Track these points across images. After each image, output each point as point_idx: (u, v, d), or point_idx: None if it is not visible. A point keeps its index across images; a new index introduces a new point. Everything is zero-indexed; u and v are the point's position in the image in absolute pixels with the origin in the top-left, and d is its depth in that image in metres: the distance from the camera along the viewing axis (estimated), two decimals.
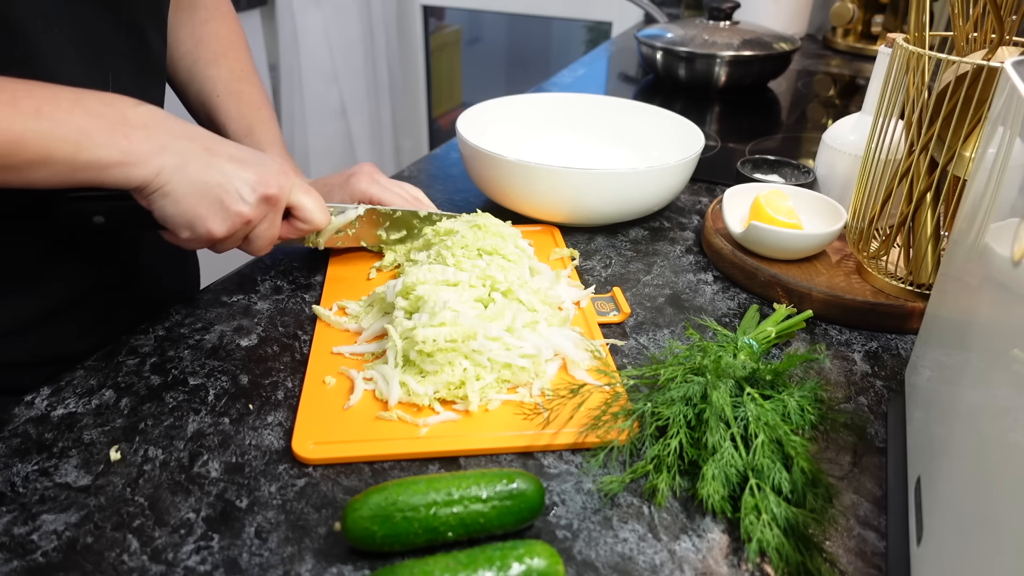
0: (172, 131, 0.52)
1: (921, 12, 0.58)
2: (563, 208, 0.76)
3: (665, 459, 0.47)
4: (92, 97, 0.49)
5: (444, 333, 0.52)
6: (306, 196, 0.60)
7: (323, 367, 0.56)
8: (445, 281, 0.58)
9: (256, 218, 0.55)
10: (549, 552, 0.39)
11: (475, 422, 0.51)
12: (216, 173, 0.52)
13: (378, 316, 0.61)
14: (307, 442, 0.49)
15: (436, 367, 0.52)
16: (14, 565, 0.41)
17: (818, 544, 0.42)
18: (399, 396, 0.52)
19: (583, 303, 0.65)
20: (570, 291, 0.66)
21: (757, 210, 0.72)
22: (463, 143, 0.80)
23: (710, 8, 1.33)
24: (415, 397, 0.52)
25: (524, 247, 0.66)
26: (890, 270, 0.66)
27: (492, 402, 0.53)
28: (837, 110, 1.28)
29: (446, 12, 2.58)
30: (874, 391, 0.57)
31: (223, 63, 0.74)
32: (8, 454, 0.48)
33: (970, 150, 0.57)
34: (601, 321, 0.63)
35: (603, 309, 0.64)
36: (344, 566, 0.41)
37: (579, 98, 0.98)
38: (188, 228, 0.53)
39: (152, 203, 0.51)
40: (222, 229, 0.53)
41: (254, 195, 0.54)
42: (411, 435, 0.50)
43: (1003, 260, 0.35)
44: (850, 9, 1.59)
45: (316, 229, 0.62)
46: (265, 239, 0.57)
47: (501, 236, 0.65)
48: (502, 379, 0.54)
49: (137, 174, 0.49)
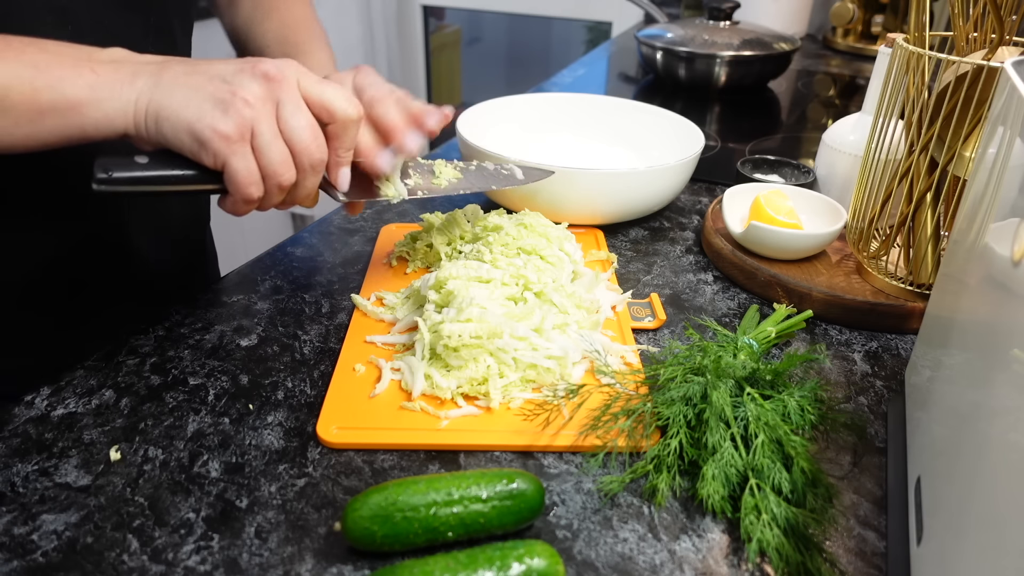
0: (143, 60, 0.47)
1: (921, 12, 0.58)
2: (563, 208, 0.76)
3: (665, 459, 0.47)
4: (53, 43, 0.45)
5: (470, 329, 0.52)
6: (320, 83, 0.49)
7: (355, 355, 0.57)
8: (478, 278, 0.58)
9: (257, 100, 0.46)
10: (549, 552, 0.39)
11: (496, 418, 0.51)
12: (198, 76, 0.46)
13: (412, 308, 0.62)
14: (331, 426, 0.50)
15: (461, 362, 0.53)
16: (14, 565, 0.41)
17: (818, 544, 0.42)
18: (423, 388, 0.53)
19: (619, 307, 0.65)
20: (608, 295, 0.65)
21: (757, 210, 0.72)
22: (463, 143, 0.80)
23: (710, 8, 1.33)
24: (438, 390, 0.52)
25: (571, 251, 0.66)
26: (890, 270, 0.66)
27: (515, 400, 0.53)
28: (837, 110, 1.28)
29: (446, 12, 2.58)
30: (874, 391, 0.57)
31: (274, 15, 0.75)
32: (8, 454, 0.48)
33: (970, 150, 0.57)
34: (635, 326, 0.63)
35: (638, 315, 0.64)
36: (344, 566, 0.41)
37: (579, 98, 0.98)
38: (194, 140, 0.45)
39: (149, 136, 0.46)
40: (228, 124, 0.45)
41: (245, 74, 0.47)
42: (432, 426, 0.50)
43: (1003, 260, 0.35)
44: (850, 9, 1.59)
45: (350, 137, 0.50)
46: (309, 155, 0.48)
47: (546, 237, 0.65)
48: (527, 379, 0.54)
49: (113, 109, 0.44)
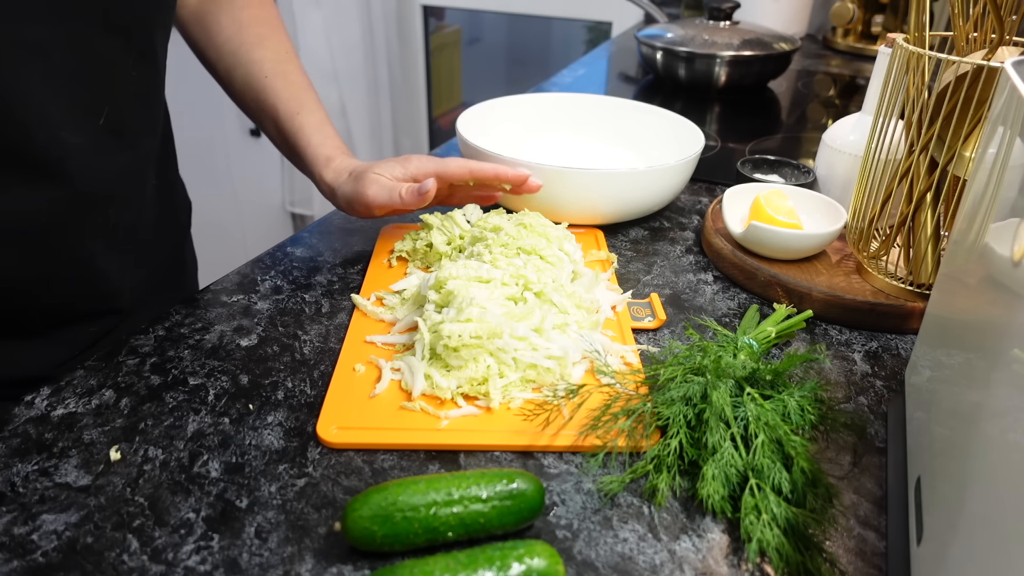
0: None
1: (921, 12, 0.58)
2: (563, 208, 0.76)
3: (665, 459, 0.47)
4: None
5: (470, 329, 0.52)
6: None
7: (355, 355, 0.57)
8: (478, 278, 0.58)
9: None
10: (549, 552, 0.39)
11: (496, 418, 0.51)
12: None
13: (412, 308, 0.62)
14: (331, 426, 0.50)
15: (461, 362, 0.53)
16: (14, 565, 0.41)
17: (818, 544, 0.42)
18: (423, 388, 0.53)
19: (619, 307, 0.64)
20: (608, 295, 0.65)
21: (757, 210, 0.72)
22: (463, 143, 0.80)
23: (710, 8, 1.33)
24: (438, 390, 0.52)
25: (571, 251, 0.66)
26: (890, 270, 0.66)
27: (515, 400, 0.53)
28: (837, 110, 1.28)
29: (446, 12, 2.58)
30: (874, 391, 0.57)
31: (268, 45, 0.74)
32: (8, 454, 0.48)
33: (970, 150, 0.57)
34: (635, 326, 0.63)
35: (638, 315, 0.64)
36: (344, 566, 0.41)
37: (579, 98, 0.98)
38: None
39: None
40: None
41: None
42: (432, 426, 0.50)
43: (1003, 260, 0.35)
44: (850, 9, 1.59)
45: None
46: None
47: (546, 237, 0.65)
48: (527, 379, 0.54)
49: None
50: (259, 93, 0.73)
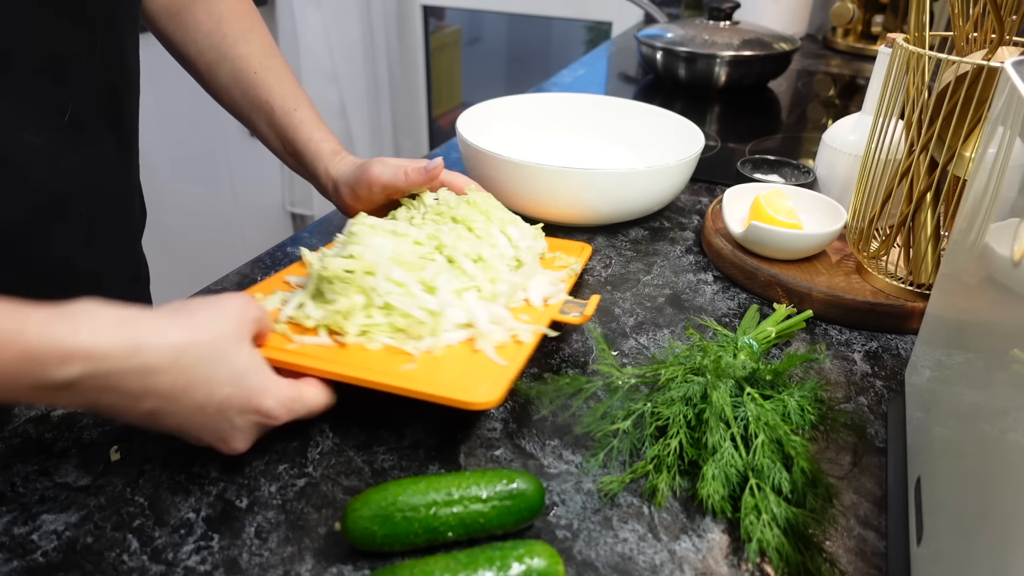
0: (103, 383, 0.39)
1: (921, 12, 0.58)
2: (563, 208, 0.76)
3: (665, 459, 0.47)
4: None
5: (345, 264, 0.52)
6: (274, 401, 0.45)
7: (264, 289, 0.58)
8: (393, 231, 0.57)
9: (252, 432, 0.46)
10: (549, 552, 0.39)
11: (345, 352, 0.51)
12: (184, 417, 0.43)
13: None
14: None
15: (335, 296, 0.52)
16: (14, 565, 0.41)
17: (818, 544, 0.42)
18: (290, 313, 0.53)
19: (552, 301, 0.60)
20: (544, 287, 0.61)
21: (757, 210, 0.72)
22: (463, 143, 0.80)
23: (710, 8, 1.33)
24: (304, 319, 0.52)
25: (515, 236, 0.64)
26: (890, 270, 0.66)
27: (373, 342, 0.51)
28: (837, 110, 1.28)
29: (446, 12, 2.58)
30: (874, 391, 0.57)
31: (252, 39, 0.73)
32: (8, 454, 0.48)
33: (970, 150, 0.57)
34: (560, 319, 0.58)
35: (568, 310, 0.59)
36: (344, 566, 0.41)
37: (579, 98, 0.98)
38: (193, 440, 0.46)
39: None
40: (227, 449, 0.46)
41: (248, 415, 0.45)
42: (281, 345, 0.50)
43: (1003, 260, 0.35)
44: (850, 9, 1.59)
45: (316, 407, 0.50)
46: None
47: (487, 215, 0.64)
48: (396, 326, 0.52)
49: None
50: (249, 88, 0.72)
